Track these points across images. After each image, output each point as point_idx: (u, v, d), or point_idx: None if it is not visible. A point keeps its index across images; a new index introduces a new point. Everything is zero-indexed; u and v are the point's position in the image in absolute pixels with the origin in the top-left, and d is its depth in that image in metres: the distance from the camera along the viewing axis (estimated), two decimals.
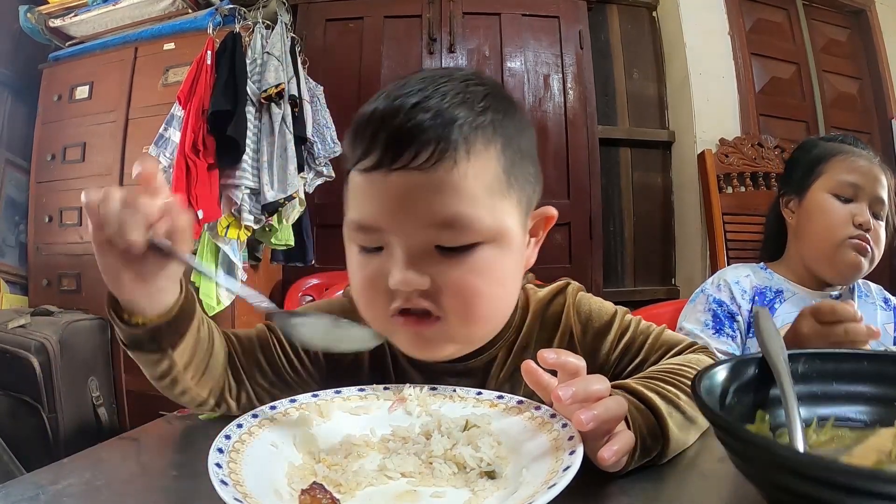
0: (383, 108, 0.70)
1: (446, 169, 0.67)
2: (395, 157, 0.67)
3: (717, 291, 1.37)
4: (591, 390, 0.57)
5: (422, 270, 0.68)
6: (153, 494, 0.58)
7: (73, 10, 3.06)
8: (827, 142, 1.44)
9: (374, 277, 0.71)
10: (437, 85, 0.70)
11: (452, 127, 0.67)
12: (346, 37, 3.23)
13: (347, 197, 0.74)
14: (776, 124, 3.29)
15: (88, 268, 2.95)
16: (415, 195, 0.67)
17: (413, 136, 0.66)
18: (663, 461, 0.61)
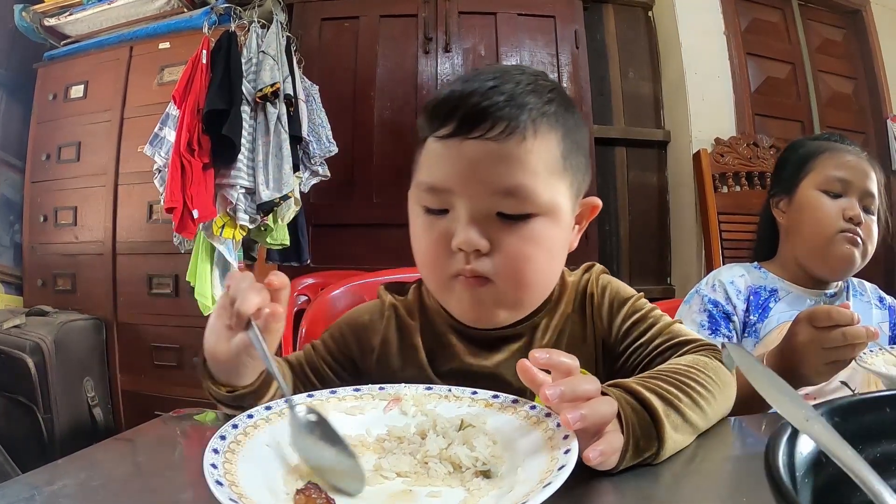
0: (462, 88, 0.79)
1: (515, 143, 0.76)
2: (472, 128, 0.76)
3: (712, 292, 1.36)
4: (580, 390, 0.57)
5: (483, 233, 0.77)
6: (149, 495, 0.58)
7: (69, 9, 3.06)
8: (814, 140, 1.45)
9: (439, 238, 0.80)
10: (512, 74, 0.80)
11: (524, 109, 0.77)
12: (342, 36, 3.23)
13: (419, 162, 0.84)
14: (772, 124, 3.30)
15: (83, 268, 2.95)
16: (485, 162, 0.76)
17: (489, 111, 0.76)
18: (658, 462, 0.61)
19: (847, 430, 0.44)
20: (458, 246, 0.77)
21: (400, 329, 0.92)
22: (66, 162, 3.04)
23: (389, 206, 3.07)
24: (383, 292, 0.98)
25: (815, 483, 0.42)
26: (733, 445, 0.68)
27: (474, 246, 0.76)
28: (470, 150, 0.76)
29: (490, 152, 0.76)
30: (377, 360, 0.91)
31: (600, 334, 0.88)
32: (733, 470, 0.65)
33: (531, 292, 0.84)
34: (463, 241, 0.76)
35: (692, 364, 0.72)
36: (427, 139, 0.82)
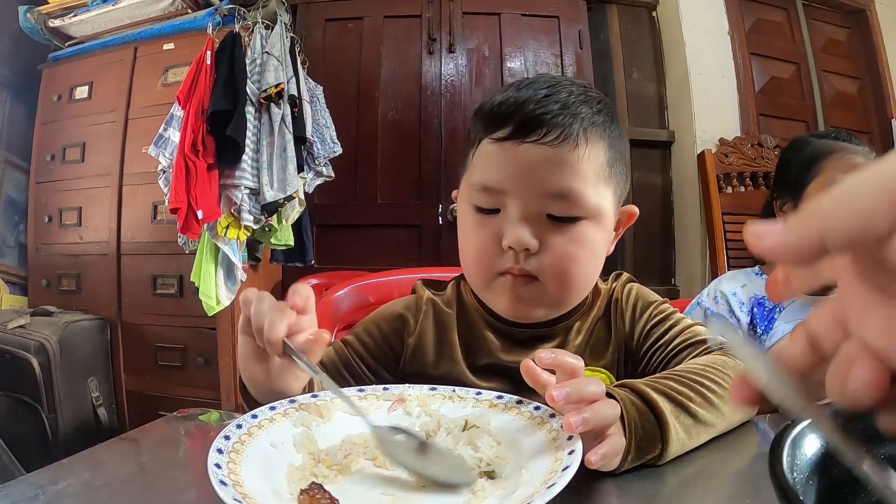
0: (517, 95, 0.83)
1: (568, 149, 0.80)
2: (528, 132, 0.80)
3: (714, 304, 1.35)
4: (585, 392, 0.58)
5: (533, 233, 0.80)
6: (152, 495, 0.58)
7: (73, 10, 3.06)
8: (819, 139, 1.42)
9: (489, 237, 0.83)
10: (564, 85, 0.84)
11: (577, 118, 0.81)
12: (346, 37, 3.23)
13: (472, 164, 0.87)
14: (776, 124, 3.29)
15: (88, 268, 2.95)
16: (538, 165, 0.80)
17: (545, 117, 0.80)
18: (663, 462, 0.61)
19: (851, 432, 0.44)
20: (510, 244, 0.80)
21: (438, 324, 0.94)
22: (70, 162, 3.04)
23: (393, 207, 3.09)
24: (420, 287, 0.99)
25: (820, 485, 0.41)
26: (737, 447, 0.68)
27: (525, 245, 0.80)
28: (525, 153, 0.80)
29: (544, 156, 0.79)
30: (412, 354, 0.93)
31: (623, 338, 0.90)
32: (737, 471, 0.65)
33: (573, 292, 0.87)
34: (514, 240, 0.79)
35: (708, 363, 0.73)
36: (481, 141, 0.85)
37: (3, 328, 2.58)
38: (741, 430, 0.71)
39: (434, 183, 3.04)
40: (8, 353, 2.52)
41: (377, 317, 0.98)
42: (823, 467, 0.42)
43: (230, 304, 2.56)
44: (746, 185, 3.08)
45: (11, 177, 3.22)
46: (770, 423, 0.74)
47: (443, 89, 3.15)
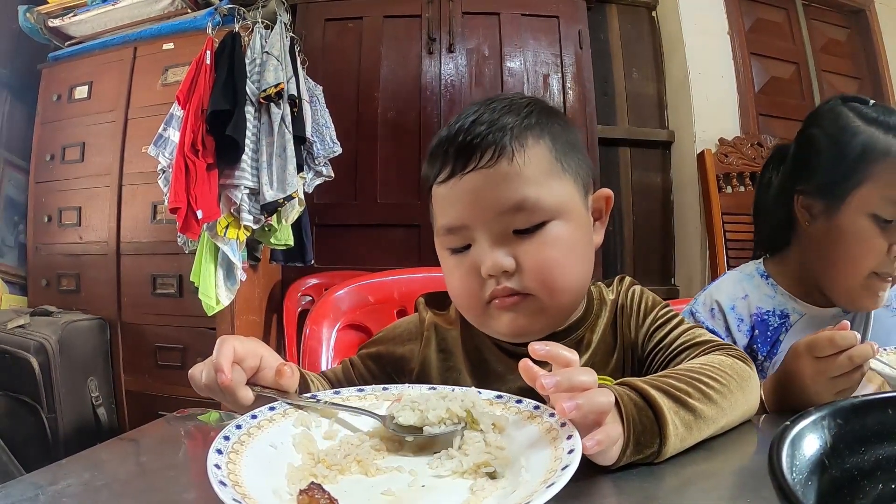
0: (447, 132, 0.85)
1: (505, 163, 0.80)
2: (465, 164, 0.81)
3: (710, 318, 1.17)
4: (576, 380, 0.58)
5: (507, 253, 0.80)
6: (152, 495, 0.58)
7: (73, 9, 3.06)
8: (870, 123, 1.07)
9: (468, 271, 0.83)
10: (489, 103, 0.86)
11: (504, 130, 0.81)
12: (346, 36, 3.23)
13: (434, 212, 0.88)
14: (776, 124, 3.30)
15: (87, 268, 2.95)
16: (485, 189, 0.80)
17: (475, 144, 0.81)
18: (661, 460, 0.61)
19: (850, 432, 0.45)
20: (488, 272, 0.80)
21: (442, 350, 0.94)
22: (70, 162, 3.04)
23: (393, 207, 3.09)
24: (423, 308, 0.98)
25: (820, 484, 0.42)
26: (737, 447, 0.68)
27: (502, 268, 0.80)
28: (469, 184, 0.81)
29: (487, 179, 0.80)
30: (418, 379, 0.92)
31: (628, 343, 0.90)
32: (737, 471, 0.65)
33: (565, 295, 0.85)
34: (490, 266, 0.80)
35: (708, 361, 0.73)
36: (432, 188, 0.87)
37: (3, 328, 2.58)
38: (741, 430, 0.71)
39: None
40: (7, 352, 2.52)
41: (381, 341, 0.98)
42: (823, 467, 0.42)
43: (230, 303, 2.56)
44: (746, 184, 3.08)
45: (11, 177, 3.22)
46: (769, 422, 0.74)
47: (442, 89, 3.15)
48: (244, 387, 0.69)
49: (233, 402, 0.70)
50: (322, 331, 1.30)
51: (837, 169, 1.07)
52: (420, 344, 0.94)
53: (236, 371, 0.68)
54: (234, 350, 0.69)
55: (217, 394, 0.70)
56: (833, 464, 0.42)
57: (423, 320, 0.96)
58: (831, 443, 0.43)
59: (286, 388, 0.70)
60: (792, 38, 3.47)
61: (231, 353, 0.68)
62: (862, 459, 0.44)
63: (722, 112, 3.22)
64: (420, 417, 0.61)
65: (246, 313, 2.77)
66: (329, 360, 1.25)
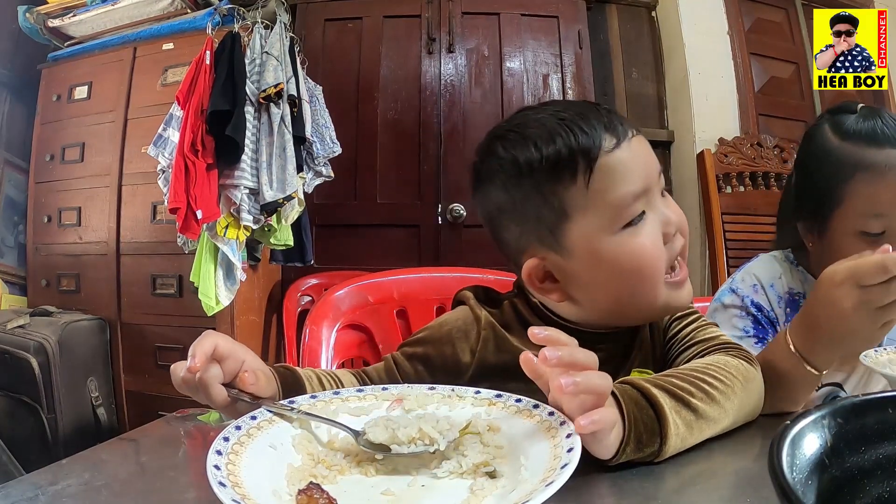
0: (585, 113, 0.80)
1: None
2: (625, 130, 0.80)
3: (753, 293, 1.14)
4: (577, 357, 0.58)
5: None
6: (152, 495, 0.58)
7: (72, 10, 3.06)
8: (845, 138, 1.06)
9: (655, 238, 0.80)
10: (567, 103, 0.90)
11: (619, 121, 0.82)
12: (345, 37, 3.23)
13: (602, 186, 0.78)
14: (775, 124, 3.29)
15: (87, 268, 2.95)
16: (649, 150, 0.82)
17: (613, 114, 0.82)
18: (661, 459, 0.61)
19: (850, 431, 0.45)
20: (680, 227, 0.82)
21: (500, 350, 0.86)
22: (69, 162, 3.04)
23: (393, 207, 3.09)
24: (476, 305, 0.90)
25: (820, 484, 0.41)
26: (737, 447, 0.68)
27: (683, 219, 0.83)
28: (638, 146, 0.81)
29: (645, 141, 0.82)
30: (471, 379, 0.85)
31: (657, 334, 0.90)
32: (737, 471, 0.65)
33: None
34: (680, 218, 0.82)
35: (712, 362, 0.73)
36: (594, 162, 0.78)
37: (3, 328, 2.58)
38: (741, 430, 0.71)
39: (433, 183, 3.04)
40: (7, 353, 2.52)
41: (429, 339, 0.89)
42: (823, 467, 0.42)
43: (230, 303, 2.56)
44: (746, 184, 3.08)
45: (11, 177, 3.22)
46: (769, 422, 0.74)
47: (442, 89, 3.14)
48: (217, 385, 0.67)
49: (207, 398, 0.68)
50: (322, 331, 1.30)
51: (817, 193, 1.07)
52: (477, 344, 0.86)
53: (213, 367, 0.67)
54: (217, 347, 0.67)
55: (192, 390, 0.68)
56: (833, 463, 0.42)
57: (478, 318, 0.88)
58: (832, 442, 0.43)
59: (255, 394, 0.68)
60: (792, 38, 3.47)
61: (211, 348, 0.67)
62: (862, 459, 0.44)
63: (722, 112, 3.22)
64: (390, 436, 0.58)
65: (246, 313, 2.77)
66: (329, 360, 1.25)
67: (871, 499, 0.43)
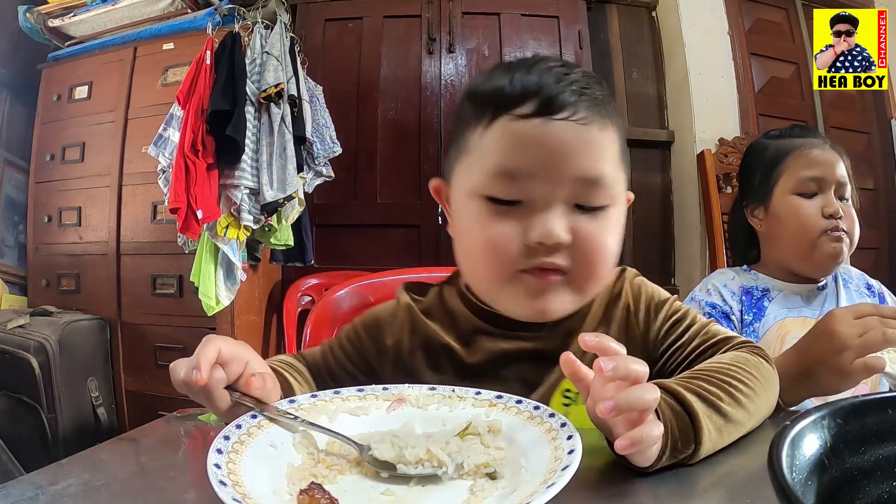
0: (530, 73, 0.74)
1: (599, 129, 0.74)
2: (559, 108, 0.72)
3: (707, 296, 1.37)
4: (632, 369, 0.55)
5: (565, 225, 0.73)
6: (152, 495, 0.58)
7: (73, 9, 3.06)
8: (776, 139, 1.43)
9: (508, 233, 0.74)
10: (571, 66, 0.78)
11: (598, 100, 0.75)
12: (346, 37, 3.23)
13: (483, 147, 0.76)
14: (775, 124, 3.26)
15: (87, 268, 2.95)
16: (573, 145, 0.72)
17: (573, 93, 0.72)
18: (694, 461, 0.60)
19: (850, 432, 0.45)
20: (540, 240, 0.72)
21: (414, 332, 0.88)
22: (70, 162, 3.04)
23: (393, 207, 3.09)
24: (401, 292, 0.93)
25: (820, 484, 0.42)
26: (737, 447, 0.68)
27: (557, 240, 0.72)
28: (558, 132, 0.72)
29: (578, 136, 0.72)
30: (393, 363, 0.88)
31: (638, 336, 0.86)
32: (737, 471, 0.65)
33: (600, 283, 0.82)
34: (545, 234, 0.71)
35: (734, 361, 0.71)
36: (495, 120, 0.75)
37: (3, 328, 2.58)
38: None
39: None
40: (7, 353, 2.52)
41: (358, 323, 0.93)
42: (823, 467, 0.42)
43: (230, 303, 2.57)
44: None
45: (11, 176, 3.22)
46: (769, 423, 0.74)
47: (442, 89, 3.14)
48: (222, 390, 0.66)
49: (208, 403, 0.67)
50: (322, 331, 1.30)
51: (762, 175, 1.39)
52: (396, 324, 0.89)
53: (217, 372, 0.65)
54: (220, 352, 0.65)
55: (193, 392, 0.66)
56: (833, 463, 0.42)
57: (400, 304, 0.91)
58: (831, 443, 0.43)
59: (262, 398, 0.66)
60: (792, 38, 3.47)
61: (215, 354, 0.65)
62: (862, 459, 0.44)
63: (722, 112, 3.21)
64: (397, 454, 0.57)
65: (246, 313, 2.77)
66: None
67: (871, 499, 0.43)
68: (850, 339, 0.83)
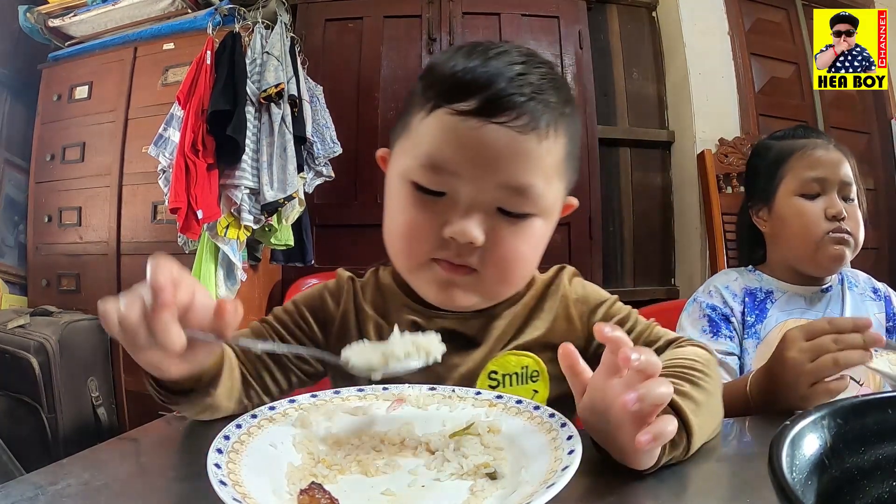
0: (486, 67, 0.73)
1: (537, 139, 0.73)
2: (499, 111, 0.71)
3: (708, 297, 1.37)
4: (652, 361, 0.54)
5: (481, 226, 0.73)
6: (152, 495, 0.58)
7: (73, 9, 3.06)
8: (779, 140, 1.43)
9: (427, 221, 0.74)
10: (535, 63, 0.76)
11: (549, 106, 0.74)
12: (346, 37, 3.23)
13: (420, 132, 0.76)
14: (776, 124, 3.28)
15: (88, 268, 2.95)
16: (504, 151, 0.71)
17: (517, 99, 0.71)
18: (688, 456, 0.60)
19: (849, 432, 0.45)
20: (453, 236, 0.73)
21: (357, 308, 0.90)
22: (70, 162, 3.04)
23: None
24: (342, 271, 0.95)
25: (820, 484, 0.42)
26: (736, 446, 0.68)
27: (470, 239, 0.72)
28: (490, 135, 0.71)
29: (511, 142, 0.71)
30: (337, 333, 0.89)
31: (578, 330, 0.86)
32: (737, 471, 0.65)
33: (512, 287, 0.83)
34: (460, 232, 0.72)
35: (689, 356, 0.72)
36: (436, 109, 0.75)
37: (3, 328, 2.58)
38: (740, 430, 0.71)
39: None
40: (8, 352, 2.52)
41: (296, 299, 0.92)
42: (823, 467, 0.42)
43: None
44: None
45: (11, 176, 3.22)
46: (768, 423, 0.74)
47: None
48: (176, 324, 0.56)
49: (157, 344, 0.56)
50: None
51: (766, 176, 1.40)
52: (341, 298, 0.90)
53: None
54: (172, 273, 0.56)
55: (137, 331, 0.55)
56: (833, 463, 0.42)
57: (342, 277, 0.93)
58: (831, 442, 0.43)
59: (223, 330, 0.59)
60: (792, 38, 3.47)
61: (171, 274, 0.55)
62: (862, 459, 0.44)
63: (722, 112, 3.21)
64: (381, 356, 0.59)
65: (246, 313, 2.72)
66: None
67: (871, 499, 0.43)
68: (801, 366, 0.80)
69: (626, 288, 3.33)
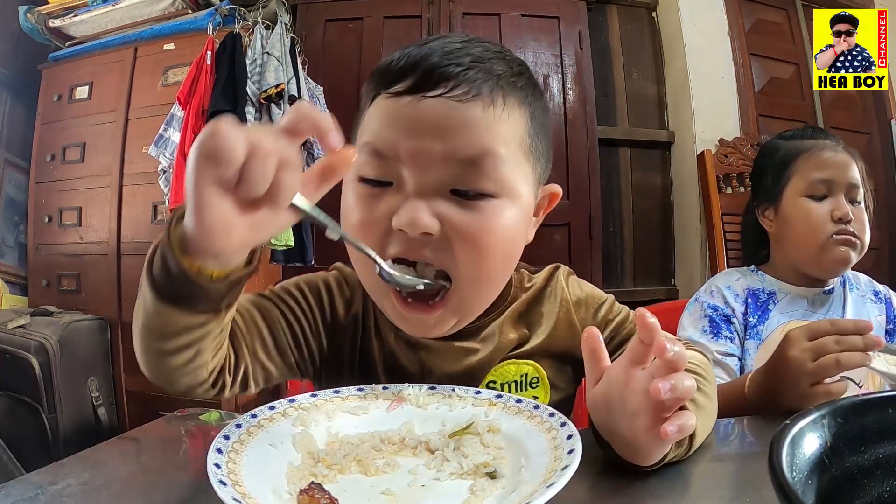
0: (420, 50, 0.69)
1: (482, 106, 0.67)
2: (432, 85, 0.66)
3: (710, 297, 1.37)
4: (684, 355, 0.53)
5: (433, 213, 0.66)
6: (152, 495, 0.58)
7: (73, 10, 3.06)
8: (787, 140, 1.43)
9: (377, 217, 0.68)
10: (480, 41, 0.72)
11: (492, 74, 0.68)
12: (346, 37, 3.23)
13: (363, 124, 0.72)
14: (776, 124, 3.28)
15: (88, 268, 2.96)
16: (445, 124, 0.66)
17: (452, 70, 0.66)
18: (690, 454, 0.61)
19: (850, 431, 0.45)
20: (401, 226, 0.65)
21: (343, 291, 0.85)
22: (70, 162, 3.05)
23: None
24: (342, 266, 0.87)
25: (820, 483, 0.41)
26: (736, 446, 0.68)
27: (422, 228, 0.65)
28: (427, 109, 0.66)
29: (451, 114, 0.66)
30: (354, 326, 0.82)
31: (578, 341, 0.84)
32: (737, 471, 0.65)
33: (489, 288, 0.75)
34: (407, 220, 0.65)
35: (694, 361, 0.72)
36: (374, 99, 0.71)
37: (3, 328, 2.58)
38: (740, 430, 0.71)
39: None
40: (8, 353, 2.52)
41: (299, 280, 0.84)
42: (823, 466, 0.42)
43: None
44: (746, 185, 3.07)
45: (11, 177, 3.22)
46: (767, 423, 0.74)
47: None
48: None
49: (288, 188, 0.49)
50: None
51: (773, 176, 1.39)
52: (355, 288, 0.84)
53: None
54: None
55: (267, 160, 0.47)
56: (833, 463, 0.42)
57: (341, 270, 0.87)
58: (831, 442, 0.43)
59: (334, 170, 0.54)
60: (792, 38, 3.46)
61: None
62: (862, 458, 0.44)
63: (722, 113, 3.21)
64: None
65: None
66: None
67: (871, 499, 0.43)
68: (803, 365, 0.80)
69: (626, 288, 3.33)
